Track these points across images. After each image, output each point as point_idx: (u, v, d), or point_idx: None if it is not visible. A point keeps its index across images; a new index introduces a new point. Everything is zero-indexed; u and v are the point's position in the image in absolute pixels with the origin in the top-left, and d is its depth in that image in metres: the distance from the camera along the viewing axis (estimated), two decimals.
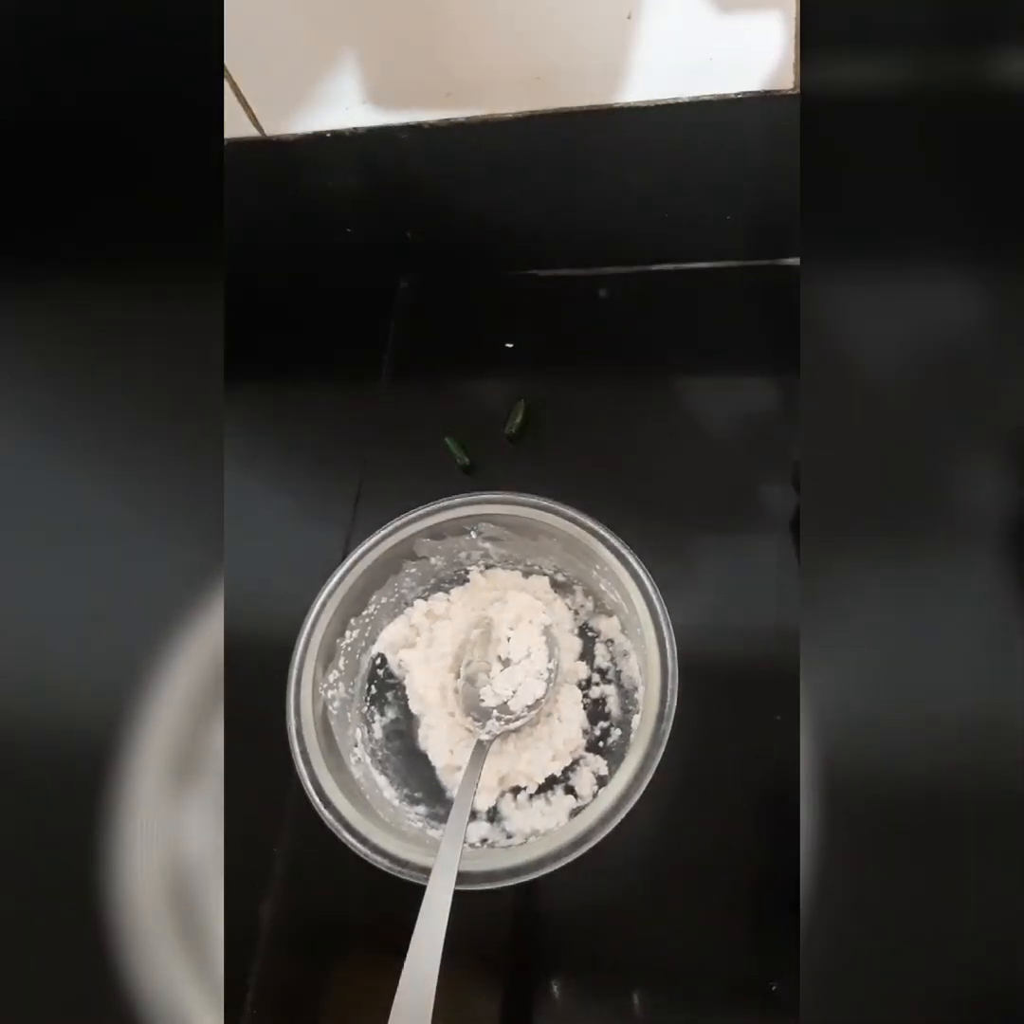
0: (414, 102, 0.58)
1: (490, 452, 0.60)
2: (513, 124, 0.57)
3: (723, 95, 0.53)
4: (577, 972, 0.44)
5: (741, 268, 0.63)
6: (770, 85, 0.52)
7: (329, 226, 0.68)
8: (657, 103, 0.54)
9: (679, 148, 0.58)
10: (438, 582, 0.55)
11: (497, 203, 0.64)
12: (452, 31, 0.52)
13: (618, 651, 0.51)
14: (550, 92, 0.55)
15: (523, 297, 0.67)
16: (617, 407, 0.60)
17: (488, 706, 0.48)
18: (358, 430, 0.63)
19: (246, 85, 0.58)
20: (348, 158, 0.62)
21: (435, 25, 0.52)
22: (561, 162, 0.60)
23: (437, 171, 0.62)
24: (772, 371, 0.59)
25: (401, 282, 0.69)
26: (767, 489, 0.55)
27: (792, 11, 0.48)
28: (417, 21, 0.52)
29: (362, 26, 0.53)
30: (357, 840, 0.42)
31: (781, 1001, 0.42)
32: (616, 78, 0.54)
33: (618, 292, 0.65)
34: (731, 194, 0.60)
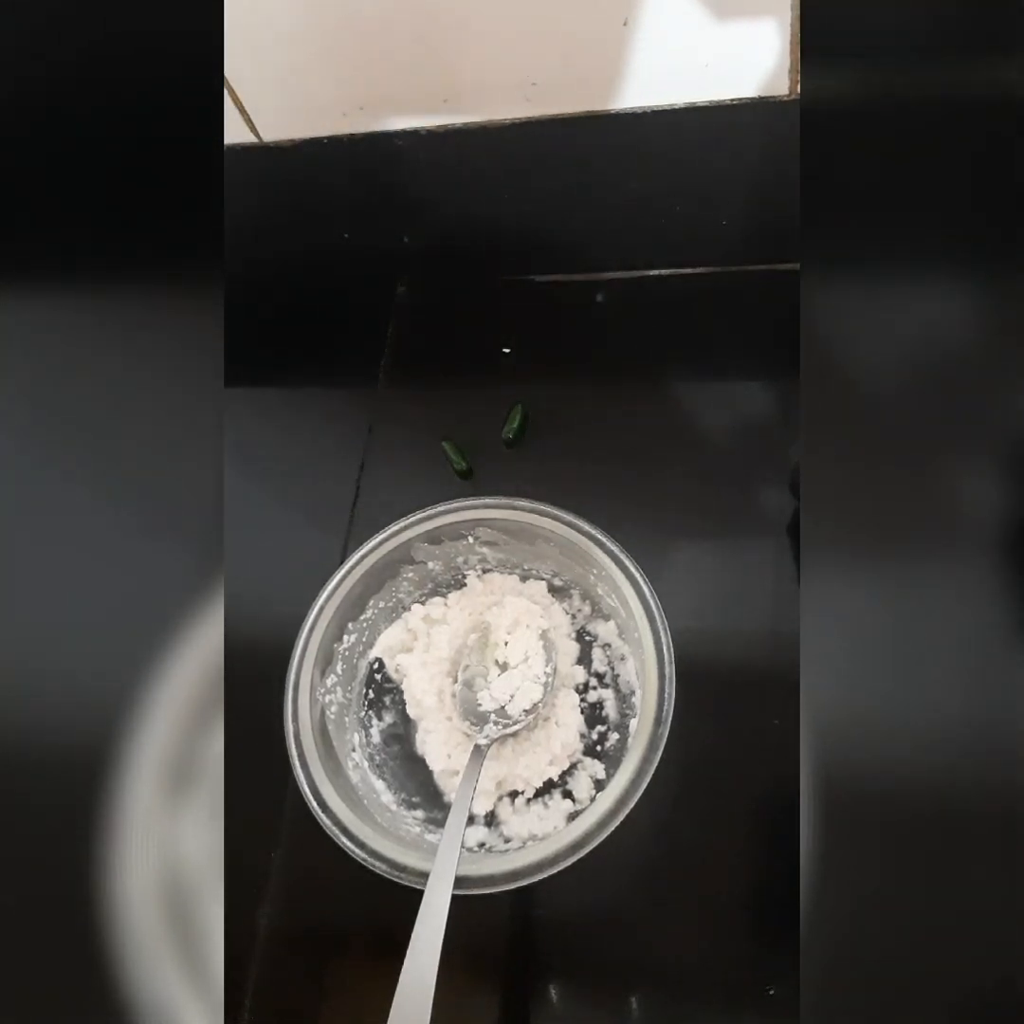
0: (411, 108, 0.58)
1: (487, 457, 0.60)
2: (510, 130, 0.57)
3: (719, 101, 0.54)
4: (575, 976, 0.44)
5: (738, 273, 0.63)
6: (766, 91, 0.53)
7: (327, 231, 0.69)
8: (653, 109, 0.55)
9: (675, 153, 0.58)
10: (436, 586, 0.55)
11: (494, 208, 0.64)
12: (449, 38, 0.53)
13: (615, 655, 0.51)
14: (547, 98, 0.55)
15: (520, 302, 0.67)
16: (614, 412, 0.60)
17: (486, 710, 0.48)
18: (355, 434, 0.63)
19: (244, 92, 0.58)
20: (345, 164, 0.62)
21: (432, 32, 0.52)
22: (558, 168, 0.60)
23: (434, 177, 0.62)
24: (770, 376, 0.59)
25: (398, 287, 0.69)
26: (765, 494, 0.55)
27: (787, 18, 0.49)
28: (414, 28, 0.52)
29: (359, 33, 0.53)
30: (355, 845, 0.42)
31: (779, 1005, 0.42)
32: (612, 84, 0.54)
33: (615, 297, 0.65)
34: (727, 199, 0.60)
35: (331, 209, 0.67)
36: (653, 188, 0.61)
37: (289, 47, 0.55)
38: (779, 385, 0.59)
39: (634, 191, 0.61)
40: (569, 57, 0.53)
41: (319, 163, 0.62)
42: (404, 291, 0.69)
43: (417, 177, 0.63)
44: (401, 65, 0.55)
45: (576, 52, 0.52)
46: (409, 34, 0.53)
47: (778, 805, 0.46)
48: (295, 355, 0.69)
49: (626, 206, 0.62)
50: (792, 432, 0.56)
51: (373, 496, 0.60)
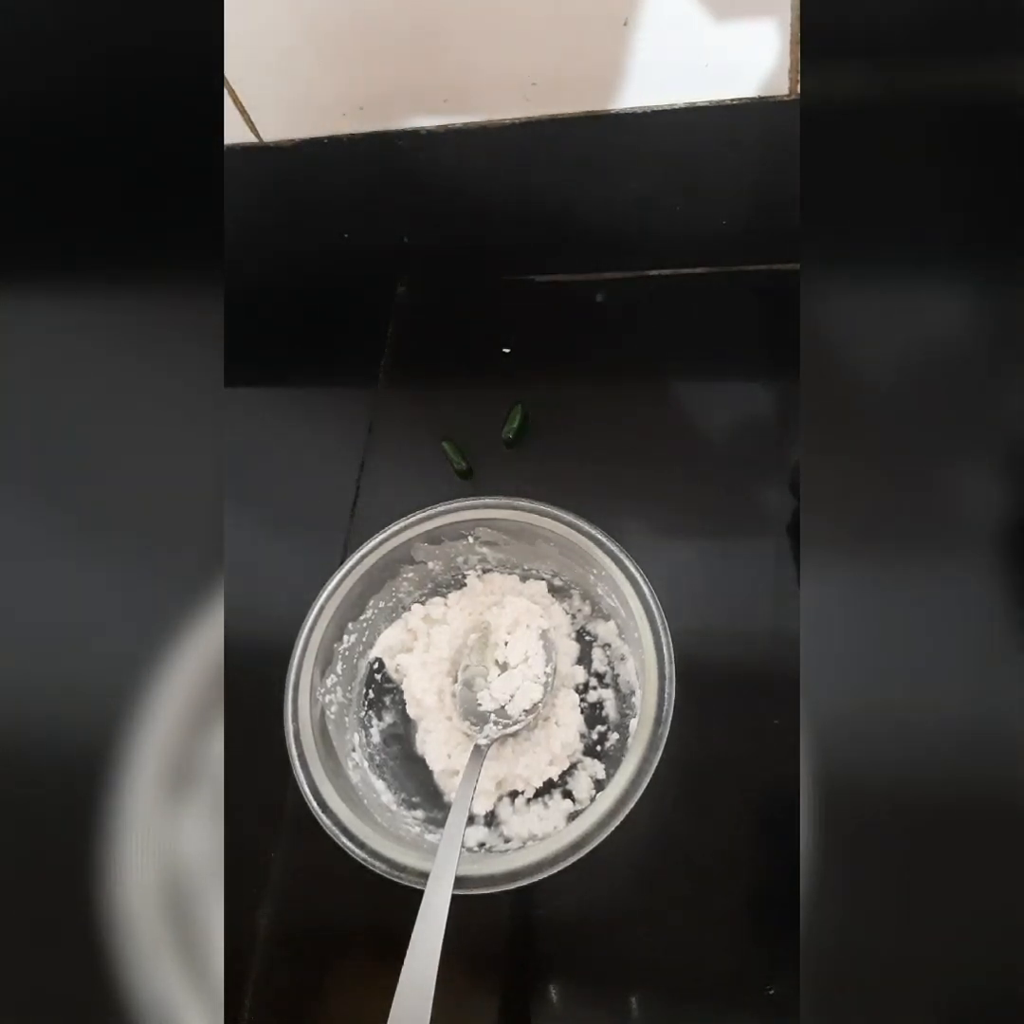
0: (411, 108, 0.58)
1: (487, 457, 0.60)
2: (510, 130, 0.57)
3: (719, 101, 0.54)
4: (575, 976, 0.44)
5: (738, 273, 0.63)
6: (766, 91, 0.53)
7: (327, 231, 0.69)
8: (653, 109, 0.55)
9: (676, 153, 0.58)
10: (436, 586, 0.55)
11: (494, 208, 0.64)
12: (449, 38, 0.53)
13: (615, 655, 0.51)
14: (547, 98, 0.55)
15: (520, 302, 0.67)
16: (614, 412, 0.60)
17: (486, 710, 0.48)
18: (355, 434, 0.63)
19: (244, 92, 0.58)
20: (345, 164, 0.62)
21: (432, 32, 0.52)
22: (558, 168, 0.60)
23: (434, 177, 0.62)
24: (770, 376, 0.59)
25: (399, 287, 0.69)
26: (765, 494, 0.55)
27: (787, 18, 0.49)
28: (414, 28, 0.52)
29: (359, 33, 0.53)
30: (355, 845, 0.42)
31: (779, 1005, 0.42)
32: (612, 84, 0.54)
33: (615, 297, 0.65)
34: (727, 199, 0.60)
35: (331, 209, 0.67)
36: (653, 187, 0.61)
37: (289, 47, 0.55)
38: (779, 385, 0.59)
39: (634, 190, 0.61)
40: (569, 57, 0.53)
41: (319, 163, 0.62)
42: (404, 291, 0.69)
43: (417, 177, 0.63)
44: (401, 65, 0.55)
45: (576, 52, 0.52)
46: (409, 34, 0.53)
47: (778, 805, 0.46)
48: (295, 355, 0.69)
49: (626, 206, 0.62)
50: (792, 432, 0.56)
51: (373, 496, 0.60)
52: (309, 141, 0.61)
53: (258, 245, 0.68)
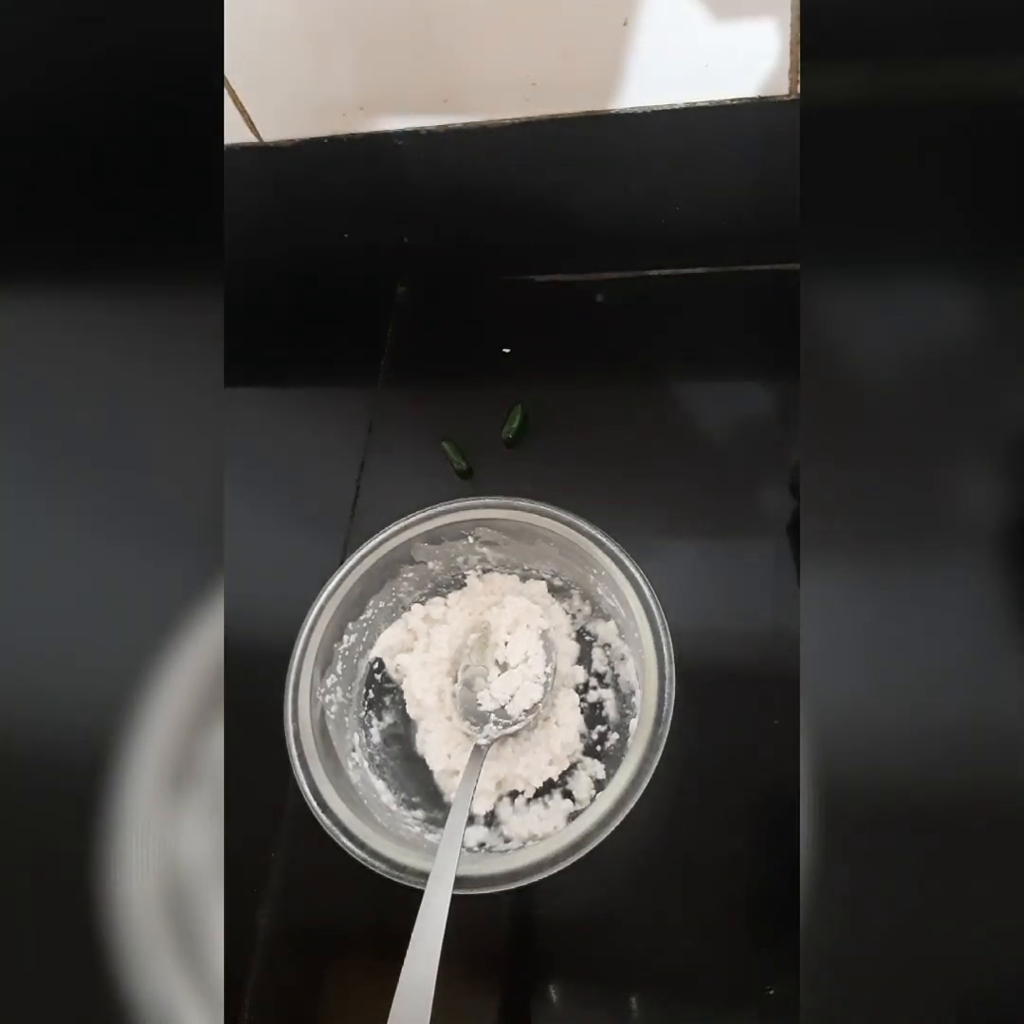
0: (411, 108, 0.58)
1: (487, 457, 0.60)
2: (510, 130, 0.57)
3: (719, 101, 0.54)
4: (574, 976, 0.44)
5: (738, 273, 0.63)
6: (766, 91, 0.53)
7: (327, 231, 0.69)
8: (653, 109, 0.55)
9: (676, 153, 0.58)
10: (436, 586, 0.55)
11: (494, 208, 0.64)
12: (449, 38, 0.53)
13: (615, 655, 0.51)
14: (547, 98, 0.55)
15: (520, 302, 0.67)
16: (614, 412, 0.60)
17: (486, 710, 0.48)
18: (356, 434, 0.63)
19: (244, 92, 0.58)
20: (345, 164, 0.62)
21: (432, 32, 0.52)
22: (558, 168, 0.60)
23: (434, 177, 0.62)
24: (770, 376, 0.59)
25: (398, 287, 0.69)
26: (764, 493, 0.55)
27: (787, 18, 0.49)
28: (414, 28, 0.52)
29: (359, 33, 0.53)
30: (355, 845, 0.42)
31: (779, 1005, 0.42)
32: (612, 84, 0.54)
33: (615, 297, 0.65)
34: (727, 199, 0.60)
35: (331, 209, 0.67)
36: (653, 187, 0.61)
37: (289, 47, 0.55)
38: (779, 385, 0.59)
39: (634, 191, 0.61)
40: (569, 57, 0.53)
41: (319, 163, 0.62)
42: (404, 291, 0.69)
43: (417, 177, 0.63)
44: (401, 65, 0.55)
45: (576, 52, 0.52)
46: (409, 34, 0.53)
47: (778, 805, 0.46)
48: (295, 355, 0.69)
49: (626, 206, 0.62)
50: (792, 432, 0.56)
51: (373, 496, 0.60)
52: (309, 141, 0.61)
53: (258, 245, 0.68)
